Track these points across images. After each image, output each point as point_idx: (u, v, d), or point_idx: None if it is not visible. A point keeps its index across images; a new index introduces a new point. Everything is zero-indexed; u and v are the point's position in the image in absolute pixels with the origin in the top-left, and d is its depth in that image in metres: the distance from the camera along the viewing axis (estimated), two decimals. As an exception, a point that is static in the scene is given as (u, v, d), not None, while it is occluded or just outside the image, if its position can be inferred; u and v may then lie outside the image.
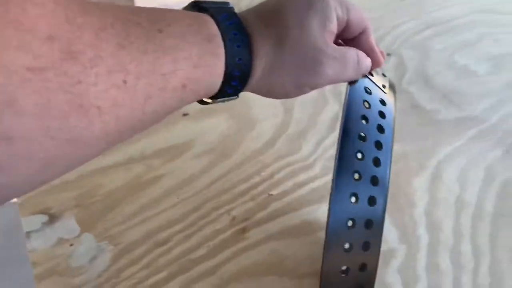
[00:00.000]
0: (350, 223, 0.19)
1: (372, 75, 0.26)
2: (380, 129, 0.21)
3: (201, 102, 0.26)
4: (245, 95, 0.49)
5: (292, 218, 0.39)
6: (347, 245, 0.20)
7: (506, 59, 0.55)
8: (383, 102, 0.22)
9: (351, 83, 0.24)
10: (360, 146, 0.20)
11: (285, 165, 0.43)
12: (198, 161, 0.42)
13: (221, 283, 0.34)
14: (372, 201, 0.20)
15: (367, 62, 0.26)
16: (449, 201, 0.40)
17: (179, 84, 0.20)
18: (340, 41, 0.29)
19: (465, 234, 0.38)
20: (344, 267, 0.20)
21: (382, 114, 0.21)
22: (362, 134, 0.20)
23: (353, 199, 0.19)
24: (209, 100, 0.25)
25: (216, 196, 0.40)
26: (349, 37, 0.28)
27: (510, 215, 0.40)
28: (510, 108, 0.49)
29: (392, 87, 0.25)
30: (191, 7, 0.24)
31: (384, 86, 0.24)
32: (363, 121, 0.20)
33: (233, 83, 0.24)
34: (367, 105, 0.21)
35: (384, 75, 0.27)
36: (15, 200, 0.38)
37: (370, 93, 0.22)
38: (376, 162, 0.20)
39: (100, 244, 0.36)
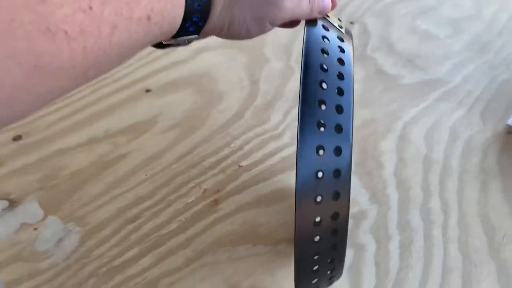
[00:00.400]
0: (321, 152, 0.19)
1: (328, 17, 0.26)
2: (341, 61, 0.20)
3: (163, 46, 0.26)
4: (209, 69, 0.48)
5: (263, 187, 0.39)
6: (320, 174, 0.20)
7: (465, 22, 0.56)
8: (340, 39, 0.22)
9: (309, 22, 0.23)
10: (323, 76, 0.19)
11: (254, 136, 0.42)
12: (164, 137, 0.41)
13: (194, 255, 0.34)
14: (339, 128, 0.20)
15: (323, 1, 0.26)
16: (417, 161, 0.41)
17: (144, 15, 0.20)
18: None
19: (434, 190, 0.39)
20: (317, 197, 0.20)
21: (341, 49, 0.21)
22: (324, 66, 0.20)
23: (321, 128, 0.19)
24: (172, 41, 0.25)
25: (186, 170, 0.39)
26: None
27: (475, 170, 0.41)
28: (471, 69, 0.50)
29: (348, 31, 0.25)
30: None
31: (340, 26, 0.25)
32: (324, 54, 0.20)
33: (194, 19, 0.24)
34: (326, 40, 0.20)
35: (339, 19, 0.27)
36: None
37: (327, 30, 0.22)
38: (340, 91, 0.20)
39: (66, 226, 0.35)
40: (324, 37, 0.20)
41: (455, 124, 0.44)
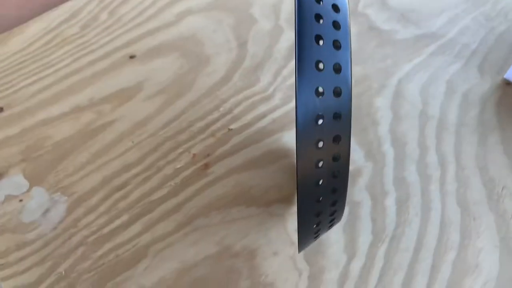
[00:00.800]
0: (321, 66, 0.18)
1: None
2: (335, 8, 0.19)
3: None
4: (195, 32, 0.46)
5: (255, 149, 0.37)
6: (320, 89, 0.18)
7: (460, -25, 0.54)
8: None
9: None
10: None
11: (243, 98, 0.41)
12: (150, 103, 0.40)
13: (186, 219, 0.33)
14: (336, 44, 0.18)
15: None
16: (413, 116, 0.40)
17: None
18: None
19: (430, 145, 0.38)
20: (318, 119, 0.18)
21: None
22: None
23: (320, 42, 0.18)
24: None
25: (174, 136, 0.38)
26: None
27: (473, 123, 0.39)
28: (467, 21, 0.48)
29: None
30: None
31: None
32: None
33: None
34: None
35: None
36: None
37: None
38: (335, 8, 0.18)
39: (52, 197, 0.34)
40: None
41: (452, 78, 0.43)
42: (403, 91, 0.42)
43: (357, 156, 0.37)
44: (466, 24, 0.48)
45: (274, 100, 0.41)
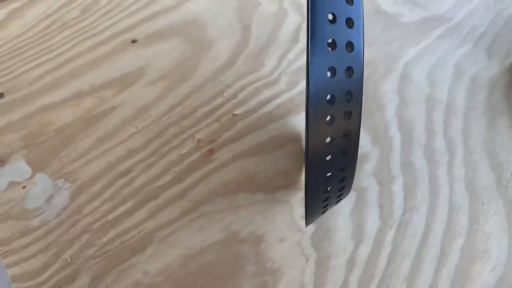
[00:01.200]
0: (330, 17, 0.18)
1: None
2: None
3: None
4: (197, 16, 0.45)
5: (260, 135, 0.37)
6: (331, 41, 0.18)
7: (468, -44, 0.53)
8: None
9: None
10: None
11: (247, 83, 0.40)
12: (153, 88, 0.39)
13: (192, 205, 0.33)
14: (351, 3, 0.18)
15: None
16: (420, 100, 0.39)
17: None
18: None
19: (438, 130, 0.37)
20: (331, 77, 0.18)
21: None
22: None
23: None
24: None
25: (177, 121, 0.37)
26: None
27: (481, 107, 0.39)
28: (475, 4, 0.47)
29: None
30: None
31: None
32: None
33: None
34: None
35: None
36: (-47, 148, 0.34)
37: None
38: None
39: (56, 183, 0.33)
40: None
41: (459, 61, 0.42)
42: (410, 75, 0.41)
43: (363, 141, 0.36)
44: (474, 7, 0.47)
45: (279, 84, 0.40)
